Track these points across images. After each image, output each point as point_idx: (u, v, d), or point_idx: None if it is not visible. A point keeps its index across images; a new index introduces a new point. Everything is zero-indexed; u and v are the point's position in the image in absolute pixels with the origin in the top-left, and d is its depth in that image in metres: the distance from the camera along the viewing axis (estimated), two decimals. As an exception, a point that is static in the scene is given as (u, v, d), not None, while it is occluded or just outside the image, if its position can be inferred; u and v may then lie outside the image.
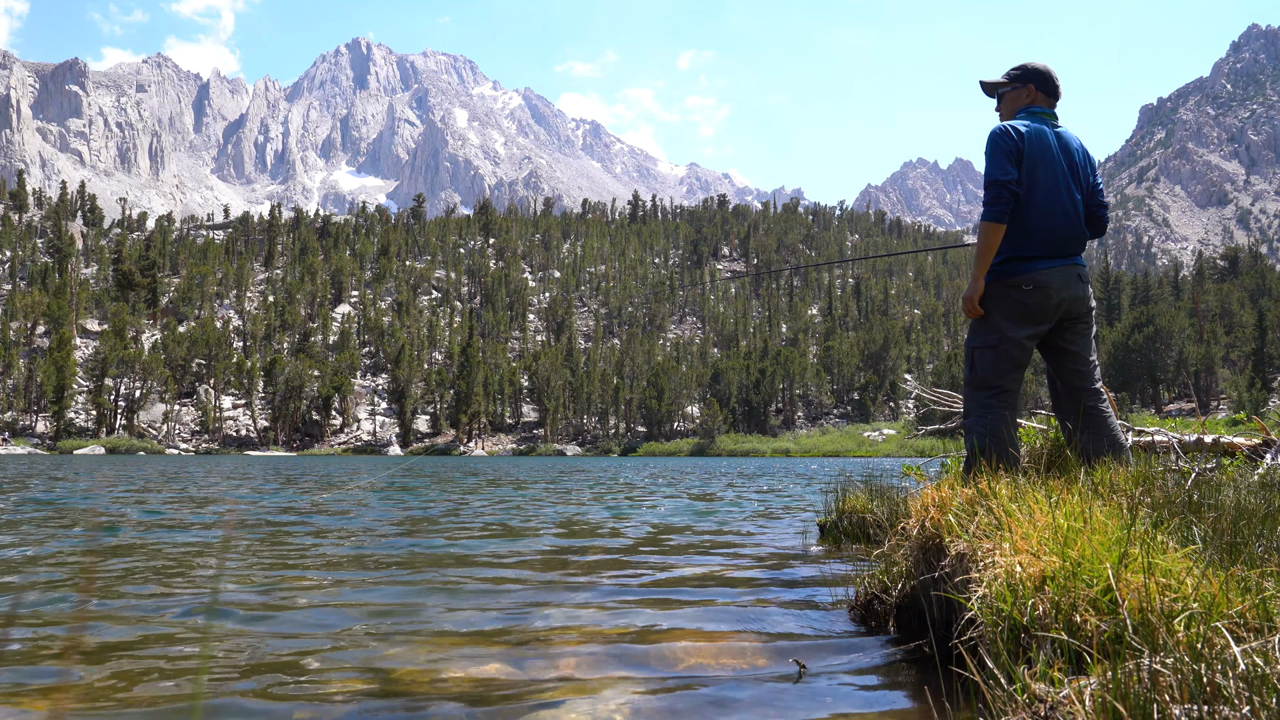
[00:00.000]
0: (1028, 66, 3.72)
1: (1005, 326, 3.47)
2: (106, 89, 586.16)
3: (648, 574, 4.37)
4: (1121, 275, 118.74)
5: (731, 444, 78.62)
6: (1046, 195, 3.49)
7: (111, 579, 4.02)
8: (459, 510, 8.76)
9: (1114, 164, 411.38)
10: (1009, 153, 3.46)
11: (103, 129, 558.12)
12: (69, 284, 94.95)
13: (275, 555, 4.97)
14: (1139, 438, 4.94)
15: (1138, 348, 78.64)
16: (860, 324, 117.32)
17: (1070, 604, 1.74)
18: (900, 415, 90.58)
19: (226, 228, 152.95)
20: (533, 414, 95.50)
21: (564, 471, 24.13)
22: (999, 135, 3.50)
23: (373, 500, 10.48)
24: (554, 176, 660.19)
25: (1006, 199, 3.43)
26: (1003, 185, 3.43)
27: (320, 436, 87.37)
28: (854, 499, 5.66)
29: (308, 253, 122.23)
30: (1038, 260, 3.46)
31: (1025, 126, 3.53)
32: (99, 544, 5.52)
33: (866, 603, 3.16)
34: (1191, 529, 2.11)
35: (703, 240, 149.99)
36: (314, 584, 3.96)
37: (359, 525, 7.06)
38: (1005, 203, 3.43)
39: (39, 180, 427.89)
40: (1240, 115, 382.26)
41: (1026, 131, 3.51)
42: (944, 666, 2.40)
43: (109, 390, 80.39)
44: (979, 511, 2.45)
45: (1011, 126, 3.51)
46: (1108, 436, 3.55)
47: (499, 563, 4.73)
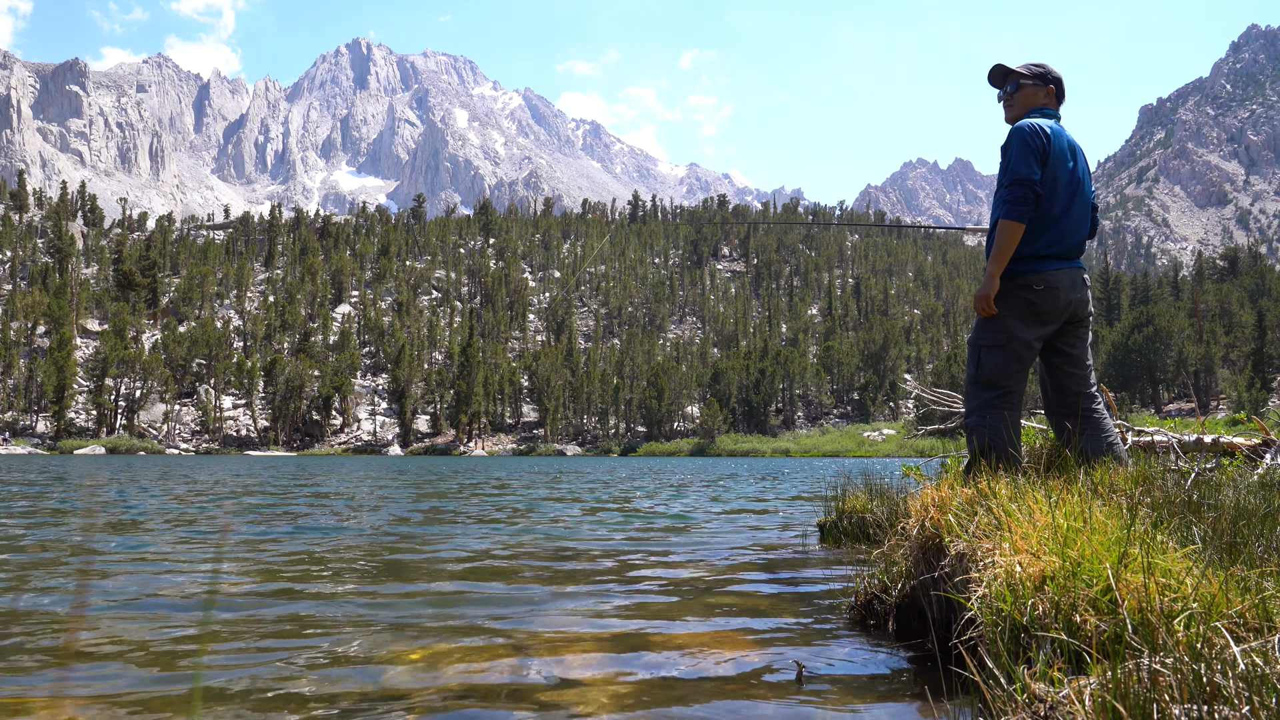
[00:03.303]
0: (1050, 69, 3.70)
1: (1015, 326, 3.46)
2: (107, 89, 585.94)
3: (648, 575, 4.37)
4: (1121, 275, 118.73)
5: (731, 444, 78.61)
6: (1063, 198, 3.49)
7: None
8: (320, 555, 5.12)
9: (1114, 164, 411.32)
10: (1037, 151, 3.42)
11: (103, 129, 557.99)
12: (69, 284, 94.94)
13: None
14: (1139, 438, 4.94)
15: (1137, 348, 78.62)
16: (860, 324, 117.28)
17: (1070, 604, 1.74)
18: (900, 415, 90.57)
19: (227, 228, 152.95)
20: (533, 414, 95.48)
21: (564, 472, 24.14)
22: (1030, 133, 3.44)
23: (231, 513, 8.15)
24: (554, 176, 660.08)
25: (1030, 199, 3.39)
26: (1029, 185, 3.39)
27: (320, 436, 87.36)
28: (854, 499, 5.66)
29: (308, 253, 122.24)
30: (1049, 261, 3.46)
31: (1050, 126, 3.50)
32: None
33: (866, 602, 3.16)
34: (1191, 529, 2.11)
35: (703, 240, 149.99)
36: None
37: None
38: (1029, 203, 3.39)
39: (39, 180, 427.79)
40: (1240, 115, 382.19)
41: (1052, 132, 3.48)
42: (944, 666, 2.40)
43: (109, 390, 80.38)
44: (979, 511, 2.45)
45: (1040, 126, 3.47)
46: (1104, 438, 3.55)
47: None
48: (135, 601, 3.50)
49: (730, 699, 2.29)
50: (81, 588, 3.84)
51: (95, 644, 2.78)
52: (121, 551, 5.11)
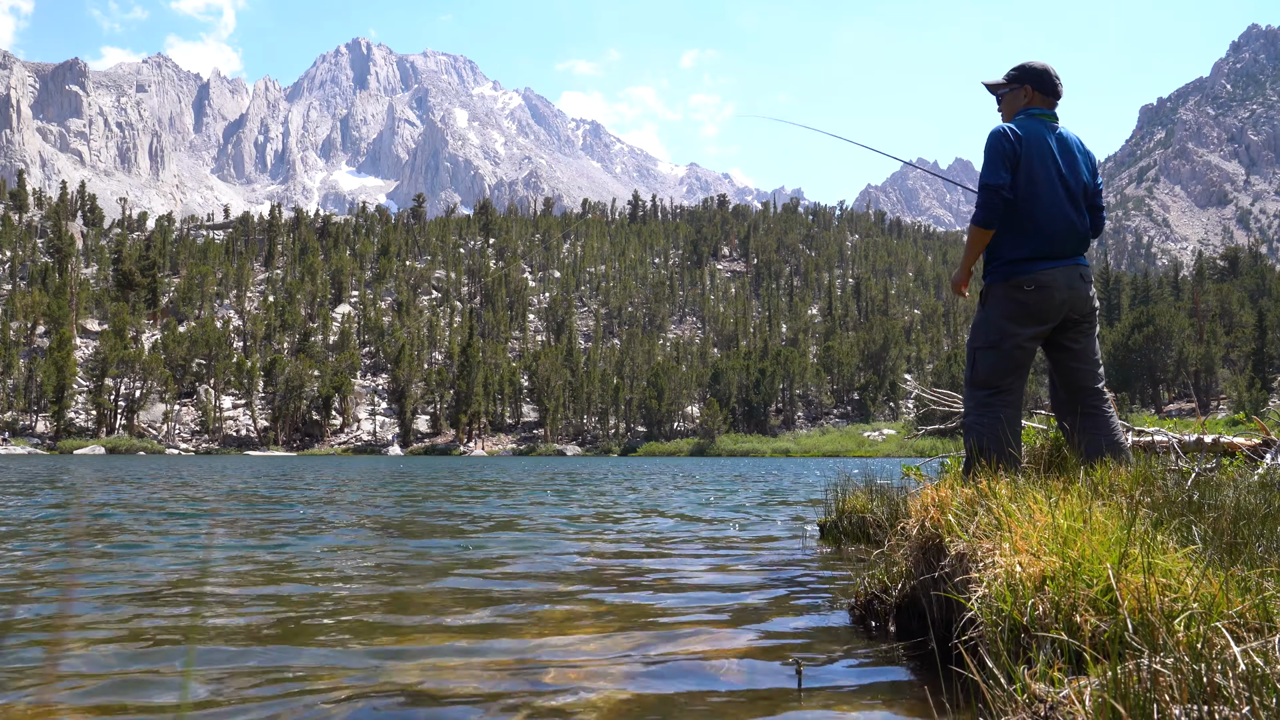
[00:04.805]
0: (1025, 67, 3.71)
1: (1008, 327, 3.48)
2: (107, 89, 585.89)
3: (648, 574, 4.37)
4: (1121, 275, 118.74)
5: (731, 444, 78.63)
6: (1047, 197, 3.49)
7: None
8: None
9: (1114, 164, 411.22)
10: (1005, 155, 3.46)
11: (103, 129, 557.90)
12: (69, 284, 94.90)
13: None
14: (1139, 438, 4.94)
15: (1138, 348, 78.61)
16: (860, 324, 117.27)
17: (1070, 604, 1.74)
18: (900, 415, 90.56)
19: (226, 228, 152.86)
20: (533, 414, 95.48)
21: (563, 472, 24.14)
22: (996, 137, 3.50)
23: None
24: (554, 176, 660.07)
25: (997, 204, 3.45)
26: (994, 190, 3.44)
27: (320, 436, 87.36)
28: (854, 499, 5.66)
29: (308, 253, 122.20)
30: (1039, 261, 3.46)
31: (1023, 128, 3.53)
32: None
33: (866, 602, 3.16)
34: (1191, 529, 2.11)
35: (702, 240, 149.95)
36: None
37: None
38: (995, 208, 3.46)
39: (39, 180, 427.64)
40: (1240, 115, 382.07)
41: (1024, 134, 3.50)
42: (944, 666, 2.40)
43: (109, 390, 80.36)
44: (979, 511, 2.45)
45: (1009, 129, 3.51)
46: (1108, 437, 3.55)
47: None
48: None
49: (730, 699, 2.29)
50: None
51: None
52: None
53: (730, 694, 2.33)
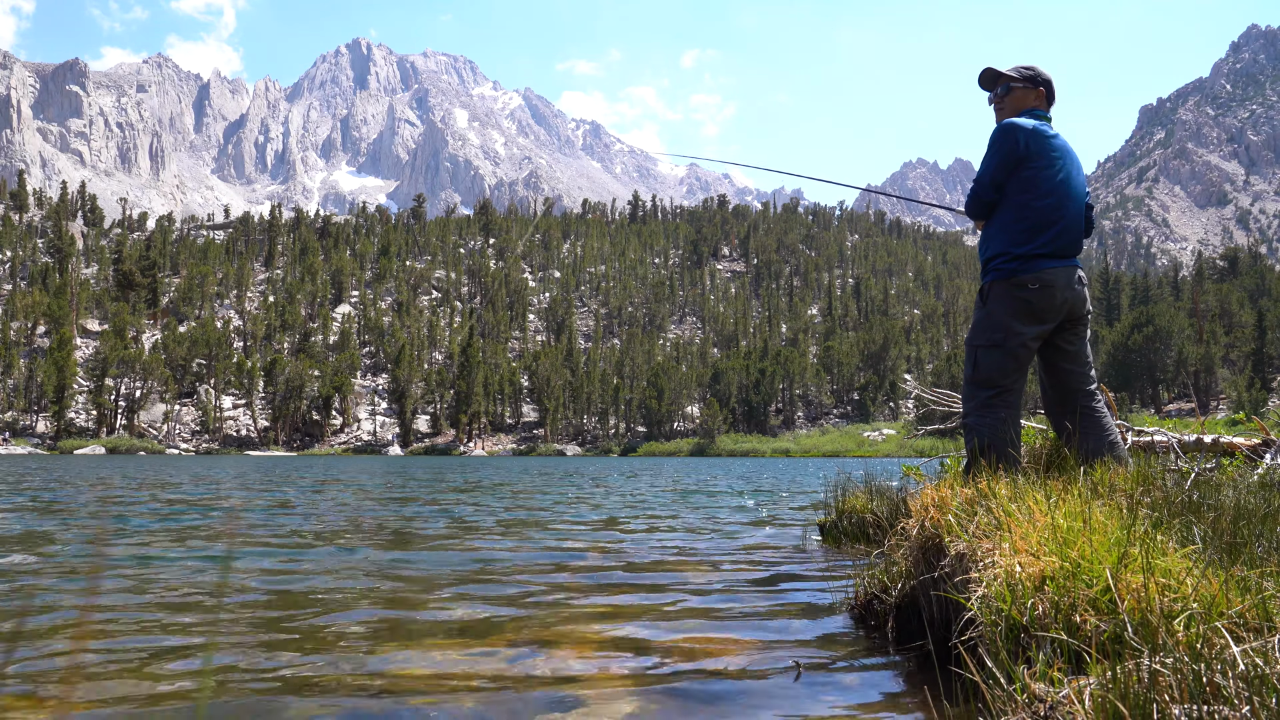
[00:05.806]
0: (1040, 71, 3.72)
1: (1012, 325, 3.46)
2: (107, 89, 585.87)
3: (646, 574, 4.37)
4: (1121, 275, 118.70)
5: (731, 444, 78.63)
6: (1055, 196, 3.50)
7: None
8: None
9: (1114, 164, 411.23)
10: (1009, 150, 3.48)
11: (103, 129, 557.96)
12: (69, 284, 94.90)
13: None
14: (1138, 438, 4.94)
15: (1137, 348, 78.59)
16: (860, 324, 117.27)
17: (1070, 604, 1.74)
18: (900, 415, 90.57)
19: (227, 228, 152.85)
20: (533, 414, 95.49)
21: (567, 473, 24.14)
22: (1002, 132, 3.51)
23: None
24: (554, 177, 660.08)
25: (985, 197, 3.56)
26: (985, 186, 3.55)
27: (320, 436, 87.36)
28: (854, 499, 5.66)
29: (308, 253, 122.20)
30: (1043, 260, 3.46)
31: (1033, 125, 3.52)
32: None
33: (866, 602, 3.16)
34: (1191, 529, 2.11)
35: (702, 240, 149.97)
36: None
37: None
38: (983, 205, 3.57)
39: (39, 180, 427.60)
40: (1240, 115, 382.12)
41: (1034, 131, 3.50)
42: (944, 666, 2.39)
43: (109, 390, 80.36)
44: (979, 511, 2.45)
45: (1019, 125, 3.50)
46: (1105, 437, 3.54)
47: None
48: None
49: (729, 699, 2.29)
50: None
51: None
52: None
53: (730, 694, 2.33)
